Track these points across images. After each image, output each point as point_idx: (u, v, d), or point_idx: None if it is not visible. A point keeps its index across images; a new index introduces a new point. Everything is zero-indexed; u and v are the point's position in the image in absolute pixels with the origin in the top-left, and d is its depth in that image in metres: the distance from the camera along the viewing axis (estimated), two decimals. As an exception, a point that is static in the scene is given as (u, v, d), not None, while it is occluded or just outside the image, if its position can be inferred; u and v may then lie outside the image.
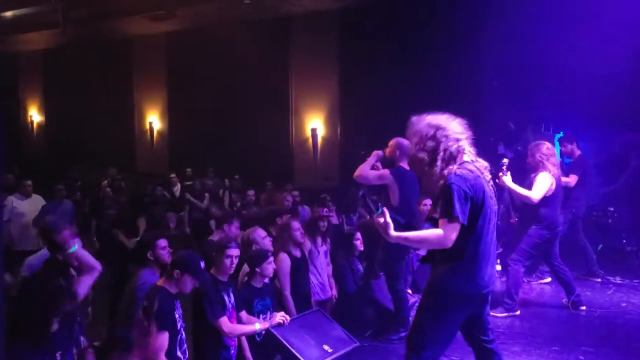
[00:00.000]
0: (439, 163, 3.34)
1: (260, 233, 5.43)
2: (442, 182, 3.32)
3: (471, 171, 3.32)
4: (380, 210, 3.24)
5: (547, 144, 6.19)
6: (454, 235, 3.20)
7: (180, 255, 4.03)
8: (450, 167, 3.32)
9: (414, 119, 3.50)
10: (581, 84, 8.44)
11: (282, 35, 12.68)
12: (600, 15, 8.10)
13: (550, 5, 8.62)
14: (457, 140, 3.37)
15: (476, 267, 3.33)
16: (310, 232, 5.84)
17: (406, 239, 3.33)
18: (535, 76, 9.06)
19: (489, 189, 3.41)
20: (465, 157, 3.38)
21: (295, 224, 5.47)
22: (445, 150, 3.34)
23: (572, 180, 7.09)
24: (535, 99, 9.29)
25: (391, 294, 5.51)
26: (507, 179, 5.83)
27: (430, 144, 3.36)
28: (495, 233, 3.48)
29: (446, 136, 3.36)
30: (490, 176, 3.50)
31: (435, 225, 3.31)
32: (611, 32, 7.98)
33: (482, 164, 3.45)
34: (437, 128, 3.38)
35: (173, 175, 11.60)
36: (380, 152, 5.40)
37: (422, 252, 4.91)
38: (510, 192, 6.14)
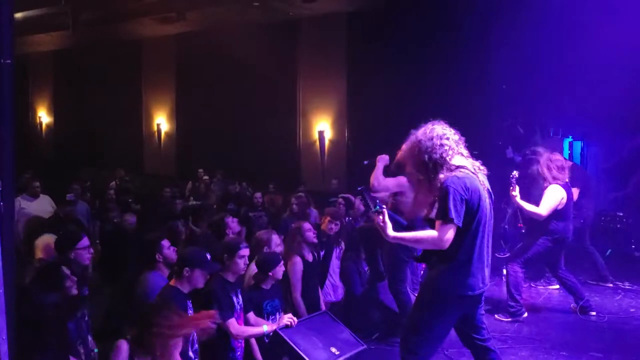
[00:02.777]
0: (429, 175, 3.38)
1: (275, 239, 5.36)
2: (439, 185, 3.35)
3: (467, 174, 3.37)
4: (378, 207, 3.33)
5: (557, 154, 6.11)
6: (449, 237, 3.27)
7: (184, 252, 4.04)
8: (441, 174, 3.34)
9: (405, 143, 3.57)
10: (591, 88, 8.40)
11: (290, 38, 12.68)
12: (609, 19, 8.06)
13: (559, 9, 8.59)
14: (442, 145, 3.38)
15: (470, 268, 3.38)
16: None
17: (403, 239, 3.46)
18: (544, 80, 9.02)
19: (485, 190, 3.45)
20: (458, 160, 3.40)
21: (307, 225, 5.46)
22: (429, 160, 3.37)
23: (575, 193, 6.96)
24: (544, 103, 9.26)
25: (393, 296, 5.49)
26: (516, 196, 5.66)
27: (418, 160, 3.42)
28: (490, 235, 3.51)
29: (430, 147, 3.38)
30: (486, 179, 3.51)
31: (432, 226, 3.39)
32: (621, 35, 7.94)
33: (478, 165, 3.50)
34: (420, 144, 3.41)
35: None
36: (386, 157, 5.28)
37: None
38: (520, 208, 6.05)
